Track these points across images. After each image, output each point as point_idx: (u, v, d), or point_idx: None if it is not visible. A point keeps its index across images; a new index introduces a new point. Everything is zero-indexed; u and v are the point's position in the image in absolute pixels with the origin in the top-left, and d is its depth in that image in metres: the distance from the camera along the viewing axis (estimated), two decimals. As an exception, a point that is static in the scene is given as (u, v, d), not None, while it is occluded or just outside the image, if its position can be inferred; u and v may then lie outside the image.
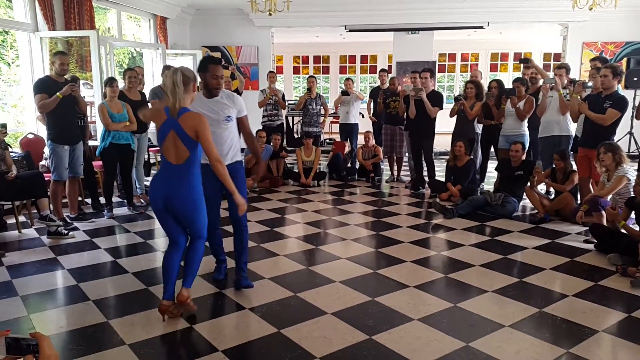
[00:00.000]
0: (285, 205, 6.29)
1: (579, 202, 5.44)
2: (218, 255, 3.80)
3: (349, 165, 8.18)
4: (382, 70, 8.51)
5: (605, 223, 4.57)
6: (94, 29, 6.97)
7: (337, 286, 3.64)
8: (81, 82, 6.25)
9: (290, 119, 11.68)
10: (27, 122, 6.74)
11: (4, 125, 4.55)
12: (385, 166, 8.23)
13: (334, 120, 11.61)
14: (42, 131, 5.66)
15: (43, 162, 5.81)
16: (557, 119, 5.83)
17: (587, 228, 4.84)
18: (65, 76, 5.19)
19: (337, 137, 9.16)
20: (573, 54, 10.45)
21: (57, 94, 4.94)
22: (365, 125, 9.04)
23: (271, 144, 7.52)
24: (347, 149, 8.46)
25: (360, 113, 8.56)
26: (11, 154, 5.04)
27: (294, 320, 3.11)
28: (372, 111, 8.53)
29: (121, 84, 5.97)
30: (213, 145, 2.93)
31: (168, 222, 3.03)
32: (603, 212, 4.55)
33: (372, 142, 7.94)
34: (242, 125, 3.58)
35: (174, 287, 3.08)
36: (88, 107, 6.32)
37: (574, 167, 5.59)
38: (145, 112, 3.34)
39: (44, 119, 5.26)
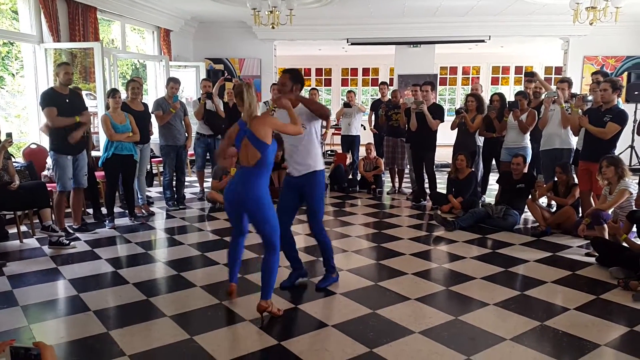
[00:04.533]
0: (287, 216, 6.28)
1: (580, 215, 5.44)
2: (292, 262, 3.92)
3: (351, 177, 8.19)
4: (382, 83, 8.60)
5: (607, 236, 4.57)
6: (98, 40, 7.04)
7: (338, 298, 3.63)
8: (84, 92, 6.29)
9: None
10: (30, 132, 6.78)
11: (10, 135, 4.56)
12: (386, 178, 8.24)
13: (336, 132, 11.65)
14: (45, 141, 5.69)
15: (45, 172, 5.83)
16: (559, 132, 5.84)
17: (588, 241, 4.83)
18: (70, 86, 5.23)
19: (339, 149, 9.18)
20: (574, 67, 10.51)
21: (76, 117, 5.12)
22: (366, 137, 9.07)
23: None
24: (348, 161, 8.47)
25: (362, 125, 8.60)
26: (14, 163, 5.06)
27: (294, 332, 3.11)
28: (373, 123, 8.58)
29: (124, 95, 6.01)
30: (288, 125, 3.30)
31: (240, 217, 3.40)
32: (605, 225, 4.55)
33: (374, 154, 7.97)
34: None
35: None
36: (92, 118, 6.34)
37: (576, 180, 5.59)
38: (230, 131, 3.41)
39: (47, 129, 5.30)
